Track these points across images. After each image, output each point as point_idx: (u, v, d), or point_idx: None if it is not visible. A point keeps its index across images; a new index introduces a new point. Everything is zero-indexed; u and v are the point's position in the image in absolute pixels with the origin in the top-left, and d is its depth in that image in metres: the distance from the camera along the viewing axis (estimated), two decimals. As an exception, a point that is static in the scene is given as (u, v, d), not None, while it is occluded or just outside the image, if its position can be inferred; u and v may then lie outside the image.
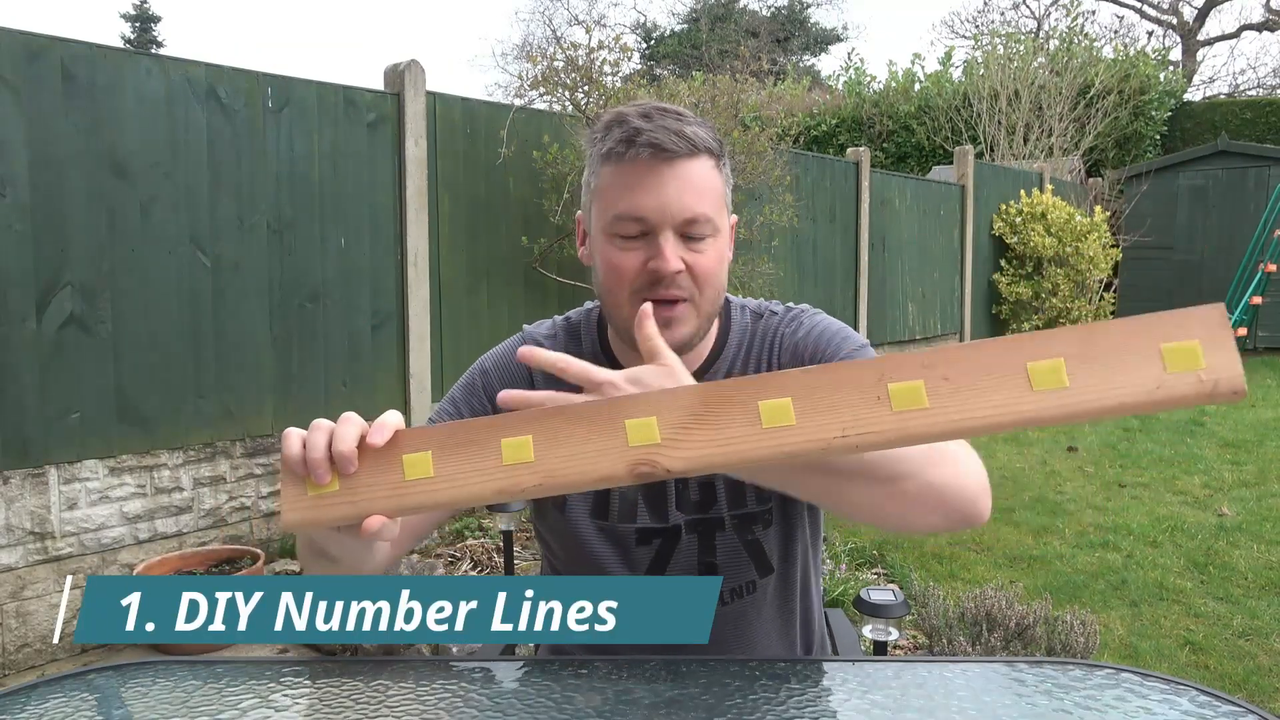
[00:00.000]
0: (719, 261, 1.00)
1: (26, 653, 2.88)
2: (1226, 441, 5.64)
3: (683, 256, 0.96)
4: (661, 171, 0.95)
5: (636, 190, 0.96)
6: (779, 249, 5.92)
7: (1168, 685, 0.82)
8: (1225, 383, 0.67)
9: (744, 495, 1.07)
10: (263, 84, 3.40)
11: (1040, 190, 9.29)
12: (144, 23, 23.52)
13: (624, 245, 0.97)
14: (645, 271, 0.96)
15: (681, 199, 0.95)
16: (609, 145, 0.98)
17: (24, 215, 2.81)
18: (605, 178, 0.99)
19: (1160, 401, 0.68)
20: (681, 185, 0.96)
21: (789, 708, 0.80)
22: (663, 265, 0.95)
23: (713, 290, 1.00)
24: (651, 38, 24.30)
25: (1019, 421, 0.69)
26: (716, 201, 0.99)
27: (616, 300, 1.00)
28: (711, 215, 0.98)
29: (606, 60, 4.41)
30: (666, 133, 0.95)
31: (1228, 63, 39.68)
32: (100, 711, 0.83)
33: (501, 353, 1.14)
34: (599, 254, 1.01)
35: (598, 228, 1.01)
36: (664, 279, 0.96)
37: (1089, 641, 2.45)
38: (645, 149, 0.95)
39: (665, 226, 0.96)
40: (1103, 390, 0.68)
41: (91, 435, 2.99)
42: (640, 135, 0.95)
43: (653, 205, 0.95)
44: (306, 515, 0.76)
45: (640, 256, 0.97)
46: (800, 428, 0.71)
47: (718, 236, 0.99)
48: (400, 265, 3.86)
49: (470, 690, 0.87)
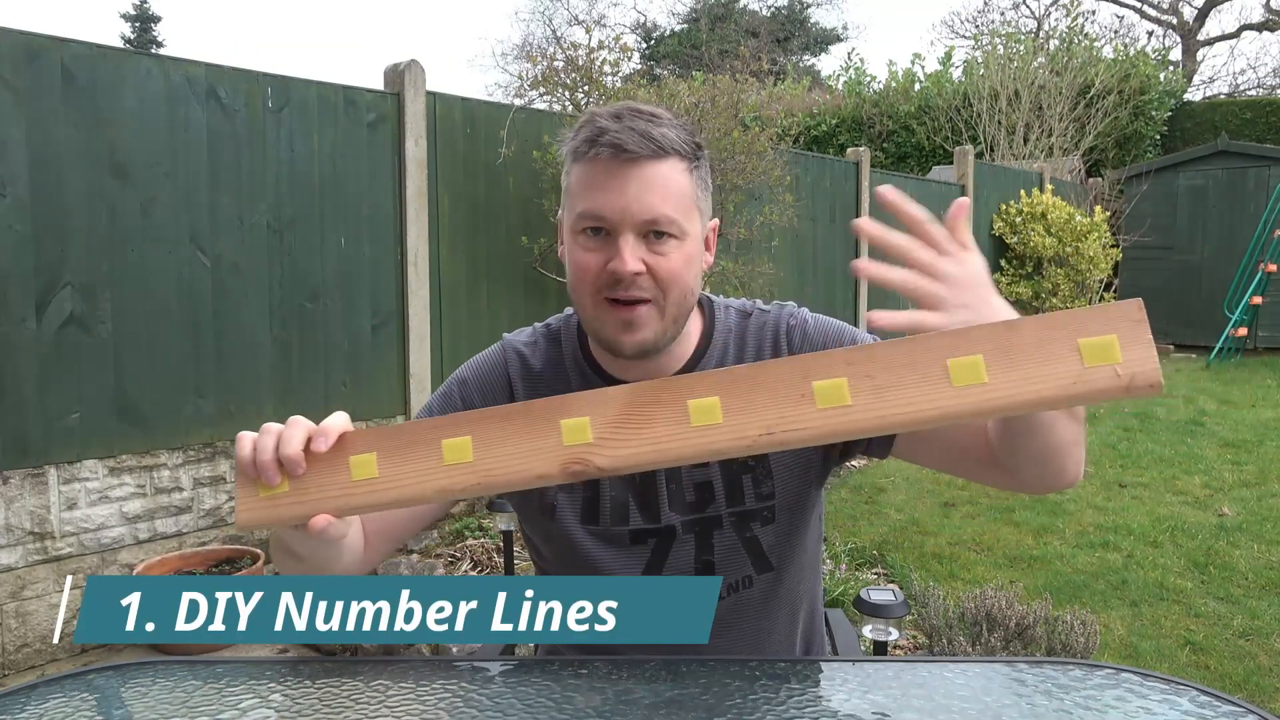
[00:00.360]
0: (685, 264, 0.98)
1: (26, 653, 2.88)
2: (1226, 441, 5.63)
3: (644, 258, 0.95)
4: (622, 173, 0.95)
5: (597, 191, 0.96)
6: (779, 249, 5.92)
7: (1168, 685, 0.82)
8: (1142, 377, 0.68)
9: (742, 492, 1.07)
10: (263, 84, 3.40)
11: (1040, 190, 9.30)
12: (144, 23, 23.51)
13: (587, 245, 0.97)
14: (605, 272, 0.96)
15: (642, 200, 0.95)
16: (576, 144, 0.98)
17: (24, 215, 2.81)
18: (573, 176, 1.00)
19: (1078, 395, 0.69)
20: (643, 186, 0.95)
21: (789, 708, 0.80)
22: (620, 266, 0.94)
23: (678, 292, 0.98)
24: (651, 38, 24.30)
25: (939, 417, 0.71)
26: (683, 203, 0.98)
27: (580, 300, 1.00)
28: (675, 217, 0.96)
29: (606, 60, 4.41)
30: (631, 134, 0.95)
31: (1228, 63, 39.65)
32: (100, 711, 0.83)
33: (480, 363, 1.14)
34: (567, 253, 1.02)
35: (567, 226, 1.01)
36: (623, 280, 0.95)
37: (1089, 641, 2.45)
38: (606, 149, 0.95)
39: (625, 228, 0.95)
40: (1020, 385, 0.69)
41: (91, 435, 2.99)
42: (604, 135, 0.95)
43: (613, 206, 0.95)
44: (258, 515, 0.79)
45: (601, 257, 0.96)
46: (727, 425, 0.74)
47: (684, 239, 0.98)
48: (400, 265, 3.86)
49: (470, 690, 0.87)
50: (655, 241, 0.97)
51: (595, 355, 1.10)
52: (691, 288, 1.01)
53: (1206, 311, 9.39)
